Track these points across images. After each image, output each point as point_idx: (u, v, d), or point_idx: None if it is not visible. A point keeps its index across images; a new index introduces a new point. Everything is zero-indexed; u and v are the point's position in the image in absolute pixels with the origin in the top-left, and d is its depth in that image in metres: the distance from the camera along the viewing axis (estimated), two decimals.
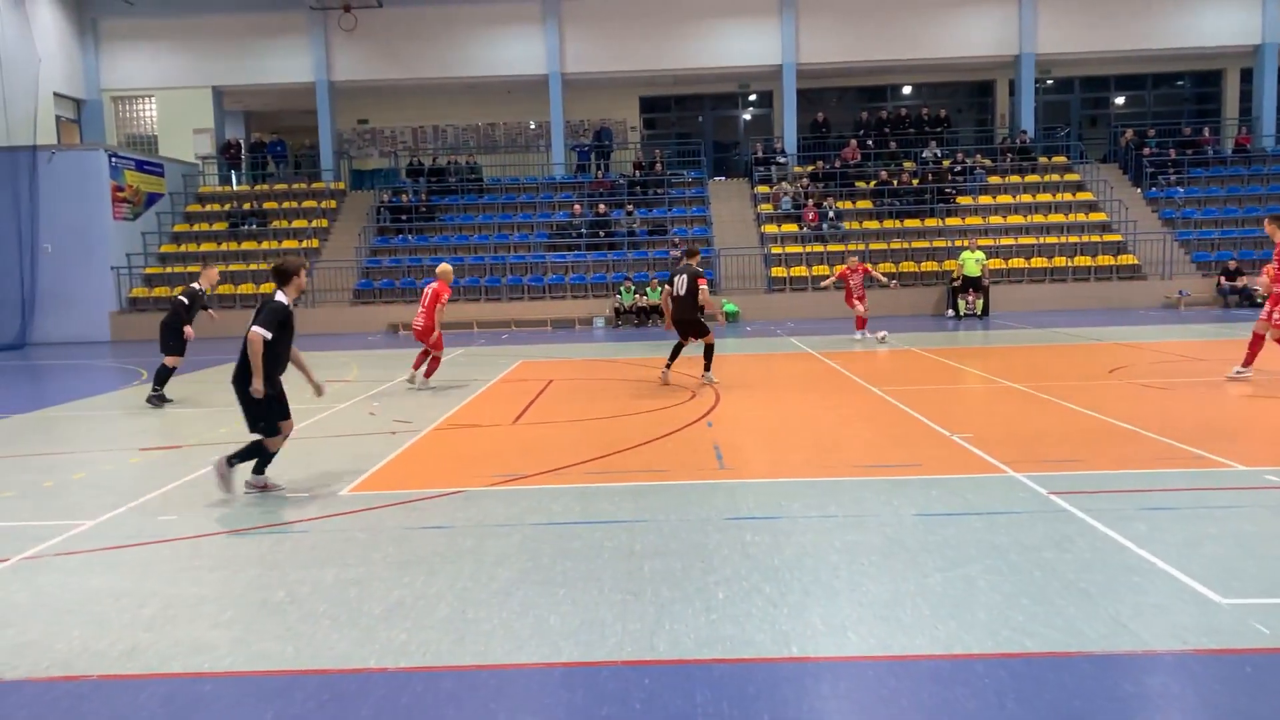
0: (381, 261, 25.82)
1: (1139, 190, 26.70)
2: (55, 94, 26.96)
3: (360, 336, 22.45)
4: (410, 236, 26.70)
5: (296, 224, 27.12)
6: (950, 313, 22.67)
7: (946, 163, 27.43)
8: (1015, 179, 27.14)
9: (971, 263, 22.46)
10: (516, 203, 27.89)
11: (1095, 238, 24.88)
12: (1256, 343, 10.94)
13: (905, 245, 25.17)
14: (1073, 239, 24.84)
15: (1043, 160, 27.78)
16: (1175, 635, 4.06)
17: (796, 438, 8.65)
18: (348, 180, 30.11)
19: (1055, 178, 27.13)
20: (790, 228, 25.89)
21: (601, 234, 26.02)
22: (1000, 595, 4.58)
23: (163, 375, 11.88)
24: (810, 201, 26.22)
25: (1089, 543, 5.31)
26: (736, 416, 9.88)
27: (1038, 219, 25.67)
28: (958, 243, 24.04)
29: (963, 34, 27.96)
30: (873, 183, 27.02)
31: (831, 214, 25.89)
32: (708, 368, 12.22)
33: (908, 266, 24.60)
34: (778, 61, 28.14)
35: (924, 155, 27.73)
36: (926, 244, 25.10)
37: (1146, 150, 27.40)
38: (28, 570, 5.43)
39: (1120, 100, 31.07)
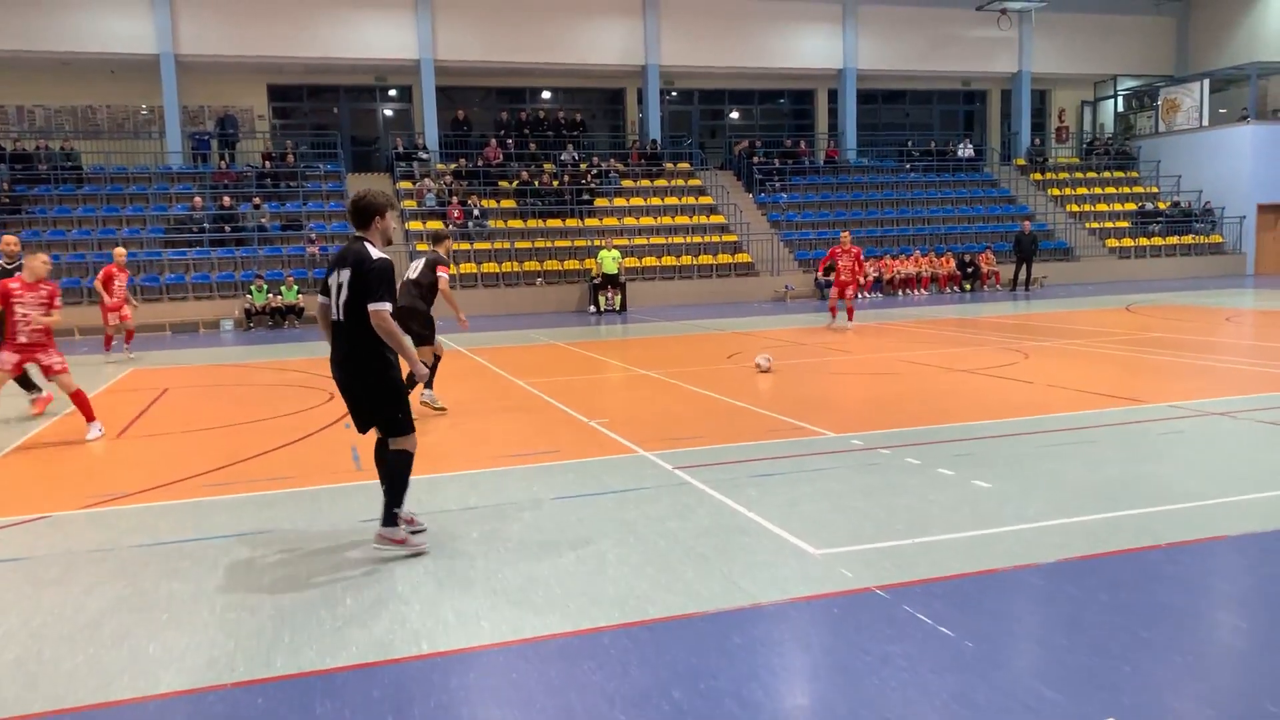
0: None
1: (750, 195, 29.49)
2: None
3: None
4: None
5: None
6: (592, 309, 23.61)
7: (584, 165, 28.52)
8: (646, 182, 28.85)
9: (609, 261, 23.54)
10: (125, 194, 24.91)
11: (716, 238, 27.11)
12: None
13: (548, 244, 25.82)
14: (697, 239, 26.88)
15: (669, 166, 29.79)
16: (778, 587, 4.45)
17: (440, 434, 8.50)
18: None
19: (680, 182, 29.20)
20: (436, 225, 25.54)
21: (227, 229, 24.01)
22: (628, 567, 4.77)
23: None
24: (455, 199, 26.06)
25: (707, 510, 5.70)
26: None
27: (666, 220, 27.48)
28: (596, 242, 25.08)
29: (595, 42, 29.19)
30: (515, 182, 27.42)
31: (476, 212, 25.93)
32: (428, 384, 9.31)
33: (551, 265, 25.27)
34: (415, 56, 27.63)
35: (562, 157, 28.62)
36: (568, 243, 25.93)
37: (756, 159, 30.33)
38: None
39: (734, 114, 34.11)
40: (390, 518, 5.06)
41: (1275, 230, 30.01)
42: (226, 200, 24.51)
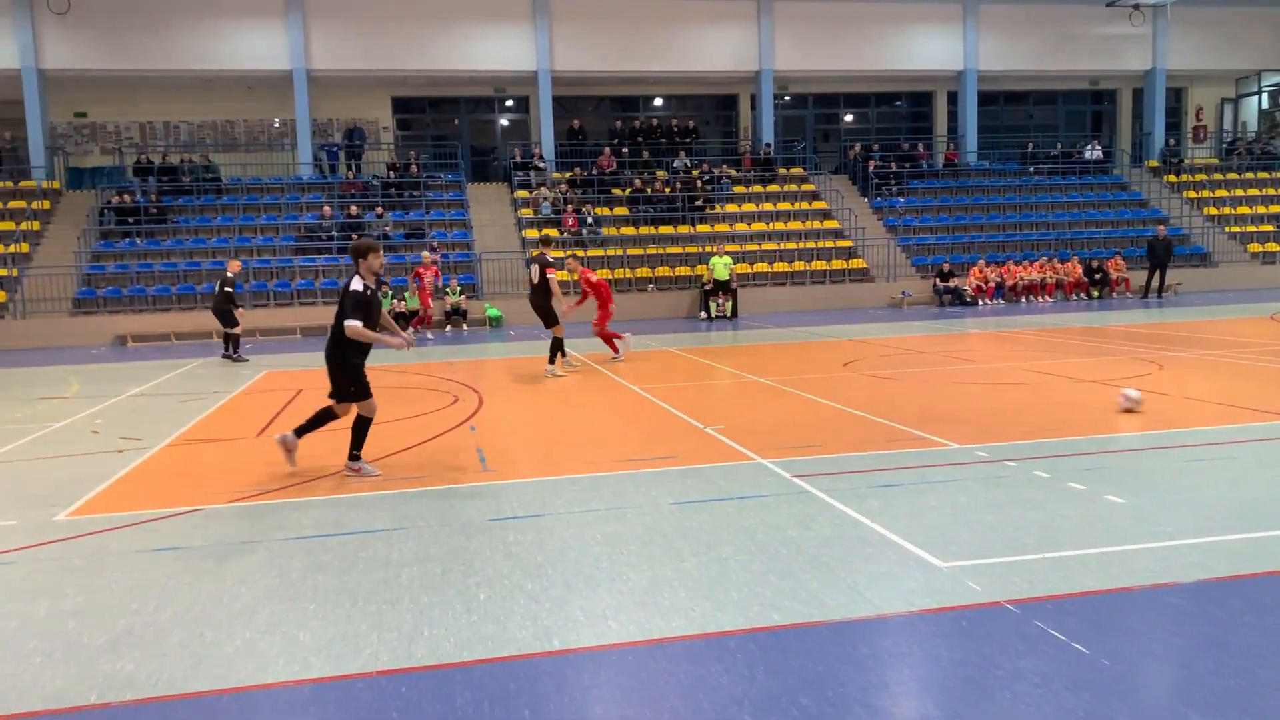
0: (106, 267, 23.51)
1: (866, 200, 29.05)
2: None
3: (83, 349, 20.35)
4: (139, 239, 24.50)
5: (3, 226, 24.18)
6: (703, 315, 23.66)
7: (696, 172, 28.62)
8: (758, 188, 28.76)
9: (720, 267, 23.56)
10: (259, 204, 26.27)
11: (829, 243, 26.82)
12: None
13: (660, 251, 26.01)
14: (810, 245, 26.64)
15: (782, 171, 29.61)
16: (903, 598, 4.42)
17: (560, 437, 8.70)
18: (63, 179, 27.22)
19: (793, 188, 28.99)
20: (551, 233, 26.02)
21: (354, 237, 25.02)
22: (750, 574, 4.81)
23: None
24: (569, 207, 26.53)
25: (828, 520, 5.69)
26: (500, 419, 9.80)
27: (779, 226, 27.32)
28: (707, 248, 25.13)
29: (708, 49, 29.28)
30: (628, 190, 27.73)
31: (590, 219, 26.33)
32: (551, 360, 13.02)
33: (663, 271, 25.44)
34: (533, 68, 28.26)
35: (675, 164, 28.79)
36: (680, 249, 26.07)
37: (871, 163, 29.86)
38: None
39: (849, 117, 33.67)
40: (354, 456, 7.42)
41: None
42: (354, 209, 25.56)
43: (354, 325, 7.05)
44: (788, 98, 32.27)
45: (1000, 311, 22.53)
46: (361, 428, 7.43)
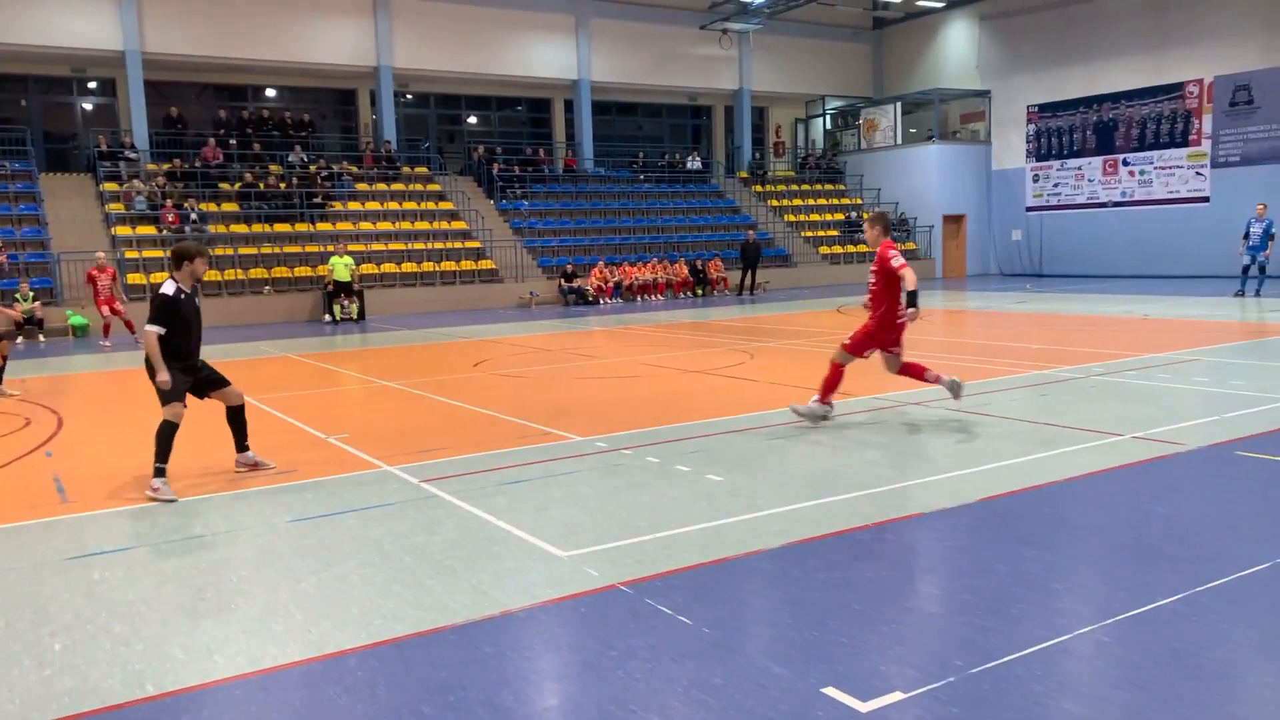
0: None
1: (492, 202, 29.46)
2: None
3: None
4: None
5: None
6: (327, 318, 22.65)
7: (314, 168, 27.27)
8: (382, 186, 28.05)
9: (341, 267, 22.69)
10: None
11: (458, 244, 26.86)
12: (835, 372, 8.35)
13: (276, 250, 24.47)
14: (438, 245, 26.50)
15: (406, 170, 29.14)
16: (526, 592, 4.53)
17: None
18: None
19: (419, 187, 28.64)
20: (148, 230, 23.50)
21: None
22: (373, 586, 4.67)
23: None
24: (169, 202, 24.06)
25: (455, 522, 5.68)
26: (84, 442, 8.66)
27: (405, 226, 26.87)
28: (329, 248, 24.09)
29: (323, 40, 27.99)
30: (238, 184, 25.75)
31: (194, 216, 24.09)
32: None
33: (280, 271, 23.98)
34: (119, 47, 25.23)
35: (290, 159, 27.21)
36: (299, 249, 24.71)
37: (496, 166, 30.33)
38: None
39: (472, 119, 33.91)
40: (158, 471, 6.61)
41: (956, 239, 33.94)
42: None
43: (150, 330, 6.63)
44: (409, 96, 31.79)
45: (619, 309, 23.94)
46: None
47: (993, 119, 33.73)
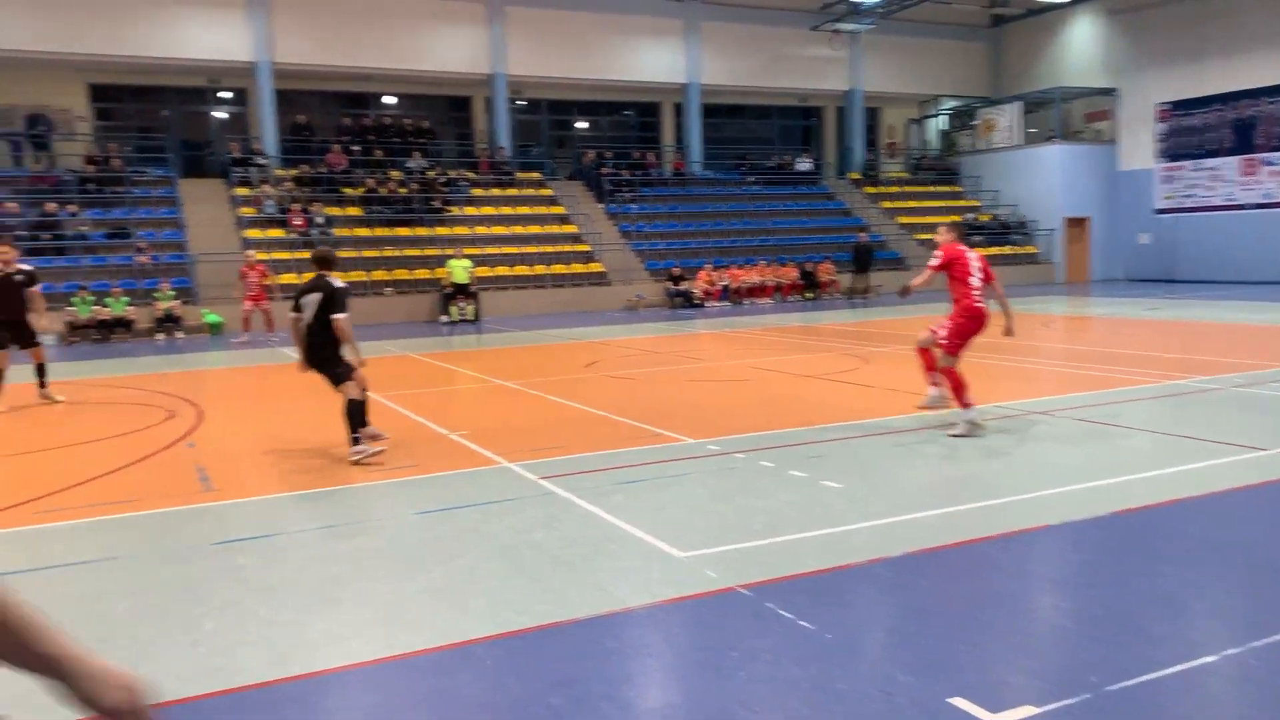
0: None
1: (601, 206, 29.80)
2: None
3: None
4: None
5: None
6: (444, 319, 23.29)
7: (432, 173, 28.10)
8: (497, 191, 28.70)
9: (460, 270, 23.29)
10: None
11: (568, 247, 27.26)
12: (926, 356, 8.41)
13: (397, 253, 25.31)
14: (549, 249, 26.95)
15: (519, 175, 29.74)
16: (646, 590, 4.58)
17: (291, 451, 8.25)
18: None
19: (531, 191, 29.19)
20: (277, 233, 24.63)
21: (47, 236, 22.39)
22: (497, 579, 4.80)
23: None
24: (296, 206, 25.17)
25: (574, 519, 5.79)
26: (224, 434, 9.14)
27: (518, 229, 27.43)
28: (446, 251, 24.76)
29: (440, 49, 28.82)
30: (361, 189, 26.74)
31: (320, 219, 25.12)
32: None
33: (400, 274, 24.77)
34: (251, 58, 26.54)
35: (409, 165, 28.11)
36: (417, 252, 25.49)
37: (605, 170, 30.67)
38: None
39: (583, 124, 34.38)
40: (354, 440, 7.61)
41: (1080, 242, 32.65)
42: (51, 206, 22.83)
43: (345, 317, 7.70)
44: (522, 102, 32.45)
45: (726, 313, 23.89)
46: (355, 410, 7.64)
47: (1119, 117, 32.33)
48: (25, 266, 11.29)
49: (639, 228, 29.06)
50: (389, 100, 31.26)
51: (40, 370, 11.38)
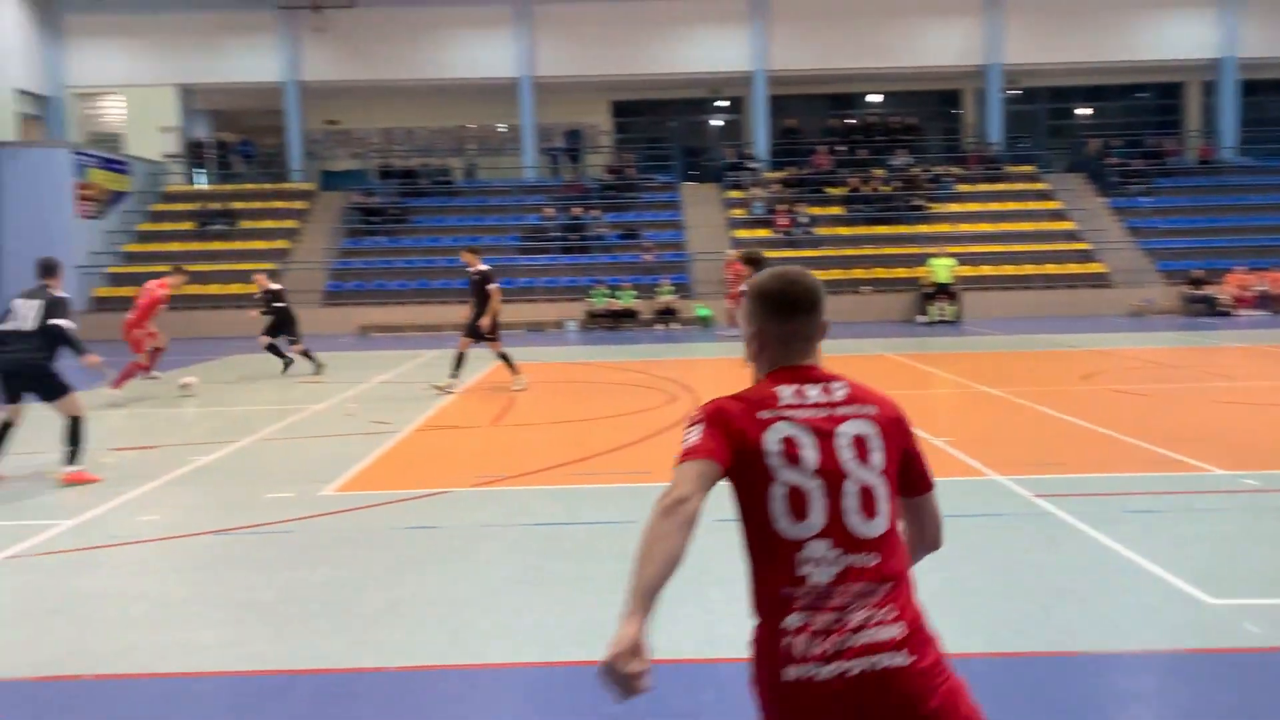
0: (352, 263, 25.57)
1: (1105, 199, 27.12)
2: (17, 90, 26.41)
3: (332, 338, 22.19)
4: (382, 238, 26.47)
5: (265, 224, 26.79)
6: (920, 318, 22.88)
7: (916, 171, 27.71)
8: (984, 187, 27.47)
9: (942, 269, 22.70)
10: (488, 205, 27.77)
11: (1062, 246, 25.24)
12: None
13: (877, 251, 25.38)
14: (1040, 247, 25.17)
15: (1010, 169, 28.15)
16: (1168, 635, 4.12)
17: None
18: (317, 181, 29.81)
19: (1022, 186, 27.49)
20: (763, 233, 26.03)
21: (573, 237, 25.98)
22: (993, 596, 4.62)
23: None
24: (782, 207, 26.38)
25: (1078, 544, 5.37)
26: None
27: (1006, 227, 25.98)
28: (927, 250, 24.26)
29: (930, 44, 28.27)
30: (844, 189, 27.24)
31: (804, 220, 26.07)
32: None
33: (880, 273, 24.81)
34: (749, 68, 28.29)
35: (894, 163, 28.00)
36: (898, 250, 25.32)
37: (1112, 160, 27.85)
38: (9, 571, 5.31)
39: (1086, 111, 31.56)
40: None
41: None
42: (576, 210, 26.50)
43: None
44: (1016, 92, 30.64)
45: (1262, 324, 20.43)
46: None
47: None
48: (483, 267, 12.65)
49: (1151, 223, 25.98)
50: (874, 99, 31.41)
51: (503, 358, 12.48)
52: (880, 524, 2.03)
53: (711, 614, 4.45)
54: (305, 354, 14.27)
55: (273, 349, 14.42)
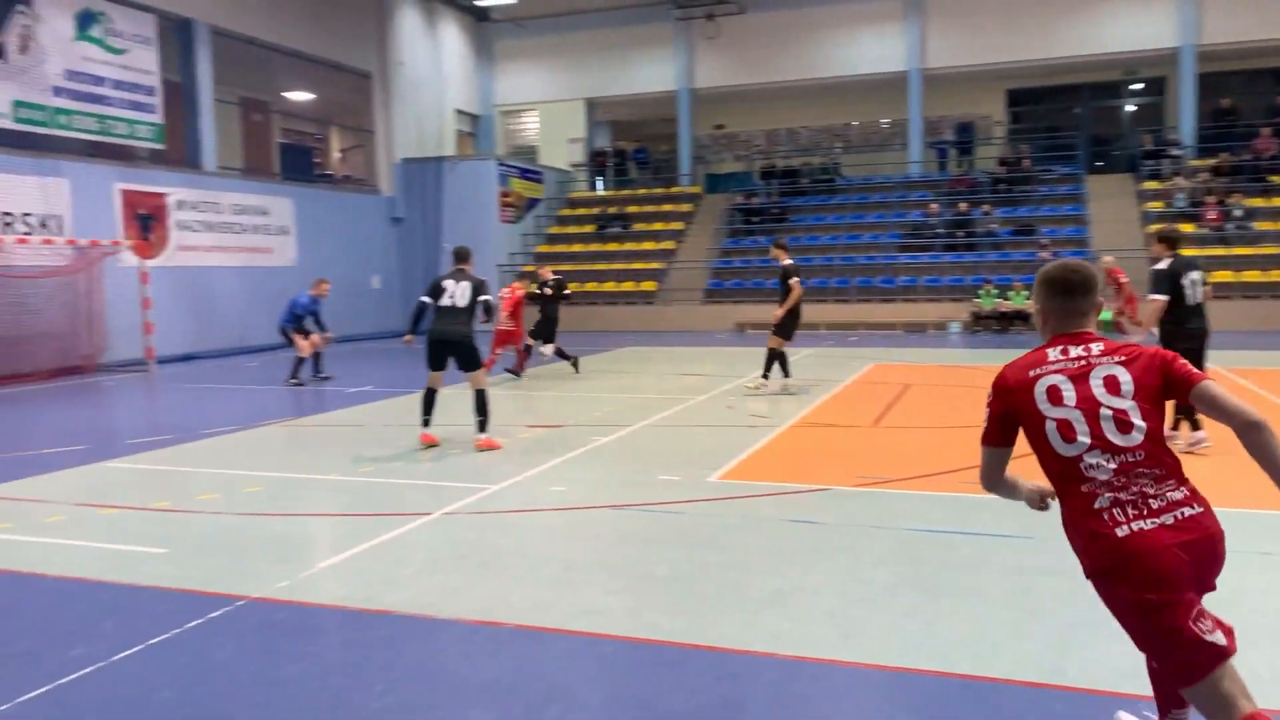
0: (732, 262, 26.41)
1: None
2: (457, 110, 30.44)
3: (710, 334, 23.13)
4: (761, 238, 27.07)
5: (655, 226, 28.51)
6: None
7: None
8: None
9: None
10: (869, 202, 27.32)
11: None
12: None
13: None
14: None
15: None
16: None
17: (1216, 470, 7.60)
18: (703, 184, 31.15)
19: None
20: (1187, 227, 22.98)
21: (959, 234, 24.75)
22: None
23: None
24: (1212, 198, 23.13)
25: None
26: None
27: None
28: None
29: None
30: None
31: (1239, 213, 22.66)
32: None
33: None
34: (1173, 44, 25.09)
35: None
36: None
37: None
38: (448, 525, 6.10)
39: None
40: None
41: None
42: (962, 206, 25.25)
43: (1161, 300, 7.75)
44: None
45: None
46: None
47: None
48: (787, 262, 12.52)
49: None
50: None
51: (773, 355, 12.39)
52: (1136, 436, 2.66)
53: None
54: (560, 353, 14.32)
55: (560, 353, 14.37)
